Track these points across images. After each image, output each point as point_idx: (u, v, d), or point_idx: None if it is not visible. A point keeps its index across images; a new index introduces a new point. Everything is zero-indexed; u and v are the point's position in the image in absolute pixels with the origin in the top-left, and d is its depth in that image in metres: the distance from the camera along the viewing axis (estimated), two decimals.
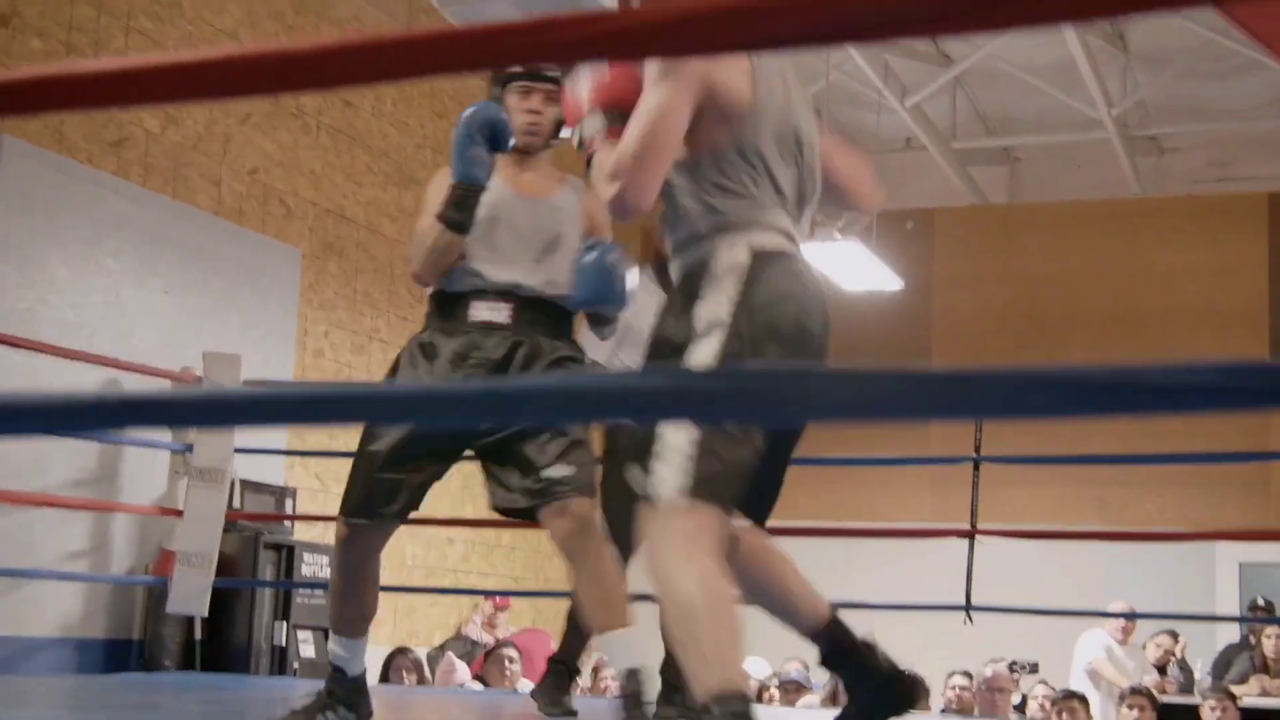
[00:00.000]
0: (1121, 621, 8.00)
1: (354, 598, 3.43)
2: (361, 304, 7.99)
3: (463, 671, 7.34)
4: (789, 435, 2.71)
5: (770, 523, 2.89)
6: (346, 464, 3.50)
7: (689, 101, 2.50)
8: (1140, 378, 1.01)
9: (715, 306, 2.51)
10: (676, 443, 2.45)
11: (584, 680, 7.28)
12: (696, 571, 2.38)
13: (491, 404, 1.14)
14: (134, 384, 6.25)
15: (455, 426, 3.28)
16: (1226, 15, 5.43)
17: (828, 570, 8.61)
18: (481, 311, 3.44)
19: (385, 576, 3.54)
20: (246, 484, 6.72)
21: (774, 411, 1.06)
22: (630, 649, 3.26)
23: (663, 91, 2.48)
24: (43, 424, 1.25)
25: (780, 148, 2.63)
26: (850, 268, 9.27)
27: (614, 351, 4.65)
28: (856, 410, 1.11)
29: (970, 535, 5.84)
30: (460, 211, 3.32)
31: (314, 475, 7.55)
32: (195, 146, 6.73)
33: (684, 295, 2.57)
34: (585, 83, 2.64)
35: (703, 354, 2.48)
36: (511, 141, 3.33)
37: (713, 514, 2.45)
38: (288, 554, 6.66)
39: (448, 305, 3.46)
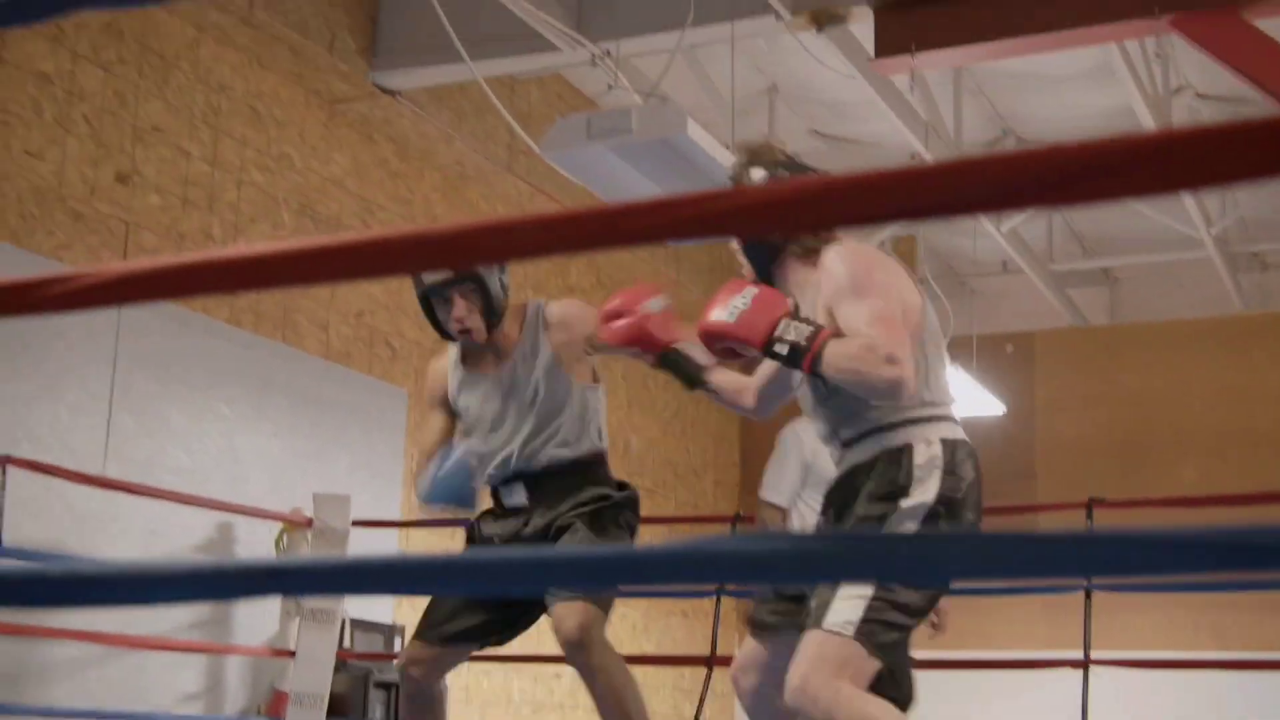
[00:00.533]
0: None
1: None
2: None
3: None
4: None
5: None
6: None
7: (897, 309, 2.80)
8: (1266, 539, 1.04)
9: (922, 493, 2.79)
10: (860, 589, 2.68)
11: None
12: (858, 700, 2.61)
13: (642, 567, 1.19)
14: (246, 527, 6.39)
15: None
16: None
17: (941, 703, 8.52)
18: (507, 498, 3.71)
19: (493, 713, 3.58)
20: (356, 623, 6.79)
21: (916, 573, 1.10)
22: None
23: (877, 299, 2.75)
24: (188, 593, 1.32)
25: (941, 343, 2.97)
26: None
27: (797, 494, 4.79)
28: (1007, 572, 1.15)
29: (1085, 665, 5.75)
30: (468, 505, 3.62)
31: (421, 613, 7.59)
32: (304, 292, 6.92)
33: (882, 477, 2.82)
34: (750, 302, 2.77)
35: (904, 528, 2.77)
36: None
37: (873, 664, 2.68)
38: (397, 692, 6.70)
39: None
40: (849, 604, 2.65)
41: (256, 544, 6.38)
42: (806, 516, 4.81)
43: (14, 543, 5.15)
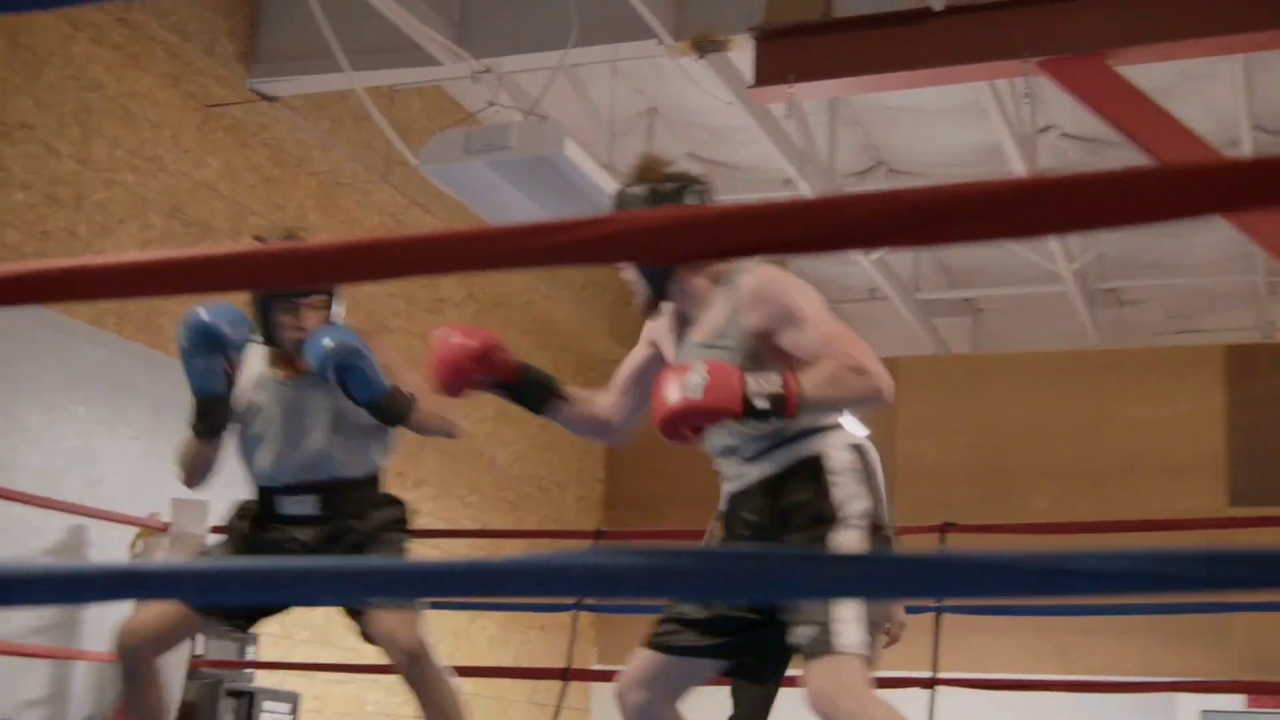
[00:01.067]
0: None
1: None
2: None
3: None
4: None
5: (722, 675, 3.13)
6: (308, 612, 3.67)
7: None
8: (1074, 564, 1.09)
9: (847, 496, 2.89)
10: (852, 603, 2.76)
11: None
12: (886, 712, 2.74)
13: (635, 578, 1.20)
14: (100, 531, 6.27)
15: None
16: (1235, 222, 5.60)
17: (789, 717, 8.55)
18: (287, 505, 3.64)
19: None
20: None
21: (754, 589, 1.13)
22: None
23: (819, 318, 2.83)
24: (47, 596, 1.31)
25: None
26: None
27: None
28: (825, 589, 1.18)
29: (932, 685, 5.86)
30: (203, 420, 3.51)
31: (277, 621, 7.51)
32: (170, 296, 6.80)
33: (805, 484, 2.89)
34: (708, 376, 2.72)
35: (849, 539, 2.87)
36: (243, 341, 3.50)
37: (871, 670, 2.82)
38: (249, 701, 6.61)
39: (262, 500, 3.71)
40: (851, 626, 2.75)
41: (110, 549, 6.25)
42: None
43: None
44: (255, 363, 3.70)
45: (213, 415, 3.49)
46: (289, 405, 3.63)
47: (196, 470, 3.68)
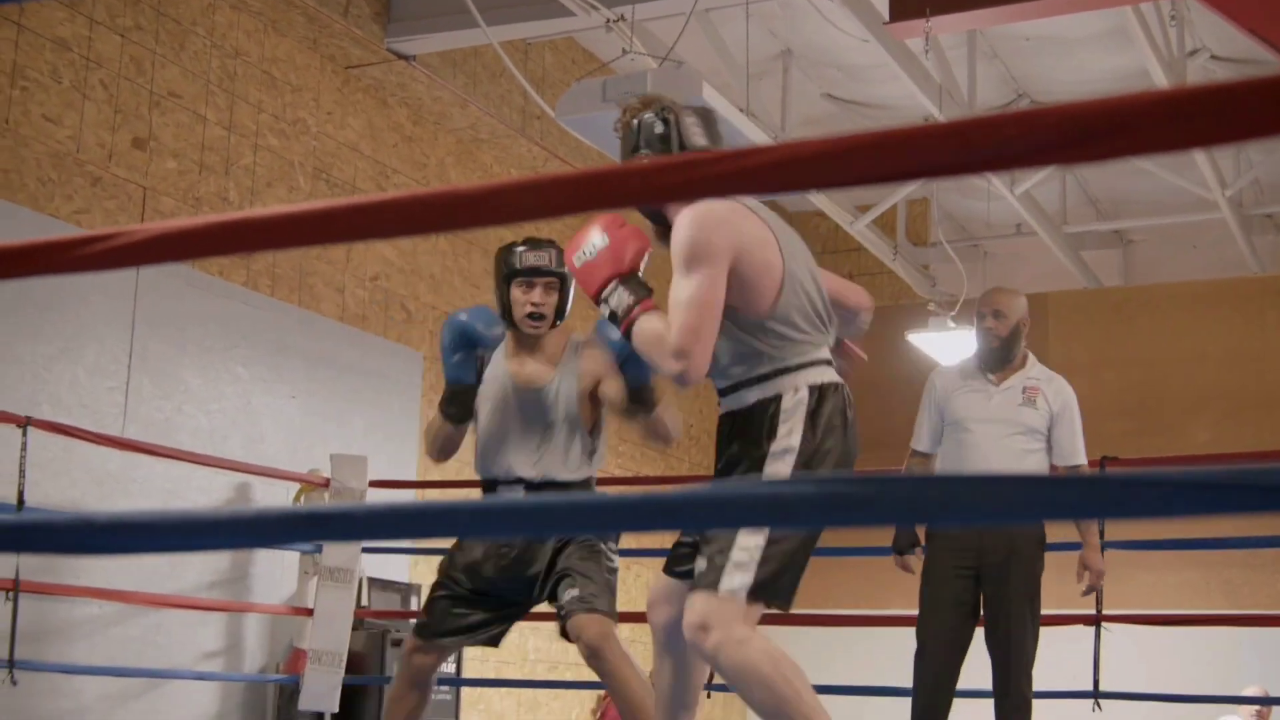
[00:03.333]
0: (1256, 706, 7.84)
1: (397, 705, 3.86)
2: None
3: None
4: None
5: (891, 609, 3.20)
6: None
7: (724, 282, 2.85)
8: (1262, 478, 1.08)
9: (786, 439, 2.90)
10: (749, 544, 2.81)
11: None
12: (767, 651, 2.78)
13: (624, 514, 1.24)
14: (263, 488, 6.46)
15: (517, 589, 3.82)
16: None
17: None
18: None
19: (510, 669, 3.67)
20: (374, 582, 6.86)
21: (914, 514, 1.14)
22: None
23: (702, 279, 2.82)
24: (214, 540, 1.37)
25: (811, 289, 3.00)
26: (965, 351, 9.27)
27: (938, 440, 4.97)
28: (979, 514, 1.19)
29: (1096, 622, 5.81)
30: (454, 406, 3.78)
31: (423, 608, 7.67)
32: (319, 255, 6.97)
33: (756, 425, 2.94)
34: (595, 254, 2.86)
35: (777, 472, 2.88)
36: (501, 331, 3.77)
37: (758, 611, 2.84)
38: None
39: (485, 491, 3.94)
40: (742, 569, 2.80)
41: (274, 505, 6.45)
42: (949, 458, 4.89)
43: (35, 503, 5.22)
44: (498, 358, 3.92)
45: (462, 402, 3.78)
46: (522, 404, 3.84)
47: (443, 450, 3.94)
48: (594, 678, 3.79)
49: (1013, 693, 4.75)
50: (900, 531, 4.97)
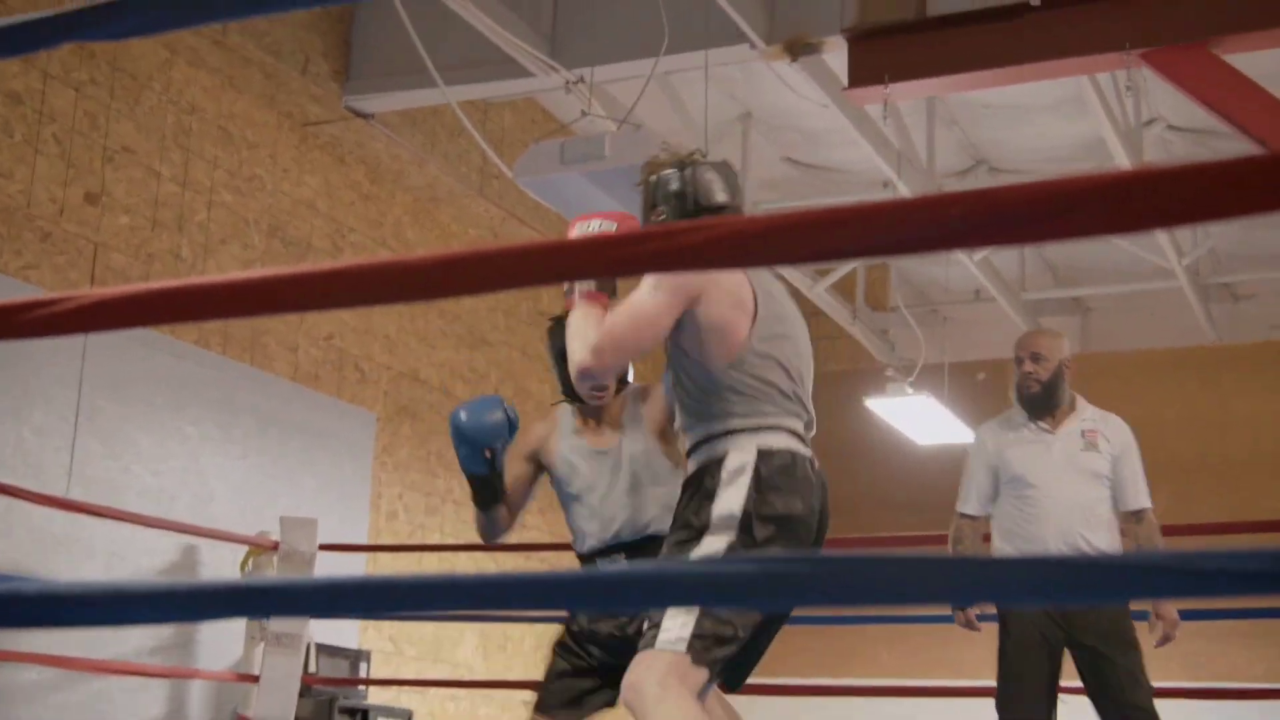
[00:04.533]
0: None
1: None
2: (435, 465, 8.12)
3: None
4: (780, 614, 2.94)
5: (839, 677, 3.13)
6: (419, 626, 3.77)
7: (674, 313, 2.80)
8: (1190, 563, 1.08)
9: (728, 503, 2.77)
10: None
11: None
12: (684, 708, 2.62)
13: (558, 592, 1.23)
14: (211, 550, 6.40)
15: (613, 657, 3.58)
16: None
17: None
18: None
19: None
20: (322, 648, 6.80)
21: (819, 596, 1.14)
22: None
23: (655, 299, 2.78)
24: (157, 614, 1.36)
25: (786, 349, 2.92)
26: (922, 422, 9.31)
27: (989, 500, 4.81)
28: (925, 595, 1.19)
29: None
30: (476, 494, 3.80)
31: (388, 638, 7.62)
32: (272, 315, 6.92)
33: (699, 488, 2.84)
34: (592, 231, 2.87)
35: (713, 546, 2.76)
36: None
37: (701, 674, 2.70)
38: (362, 718, 6.70)
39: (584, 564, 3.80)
40: (677, 623, 2.71)
41: (221, 567, 6.39)
42: (1010, 518, 4.62)
43: None
44: (566, 426, 3.90)
45: (482, 490, 3.80)
46: (598, 472, 3.79)
47: (489, 533, 3.90)
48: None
49: None
50: None
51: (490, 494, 3.79)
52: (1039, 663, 4.51)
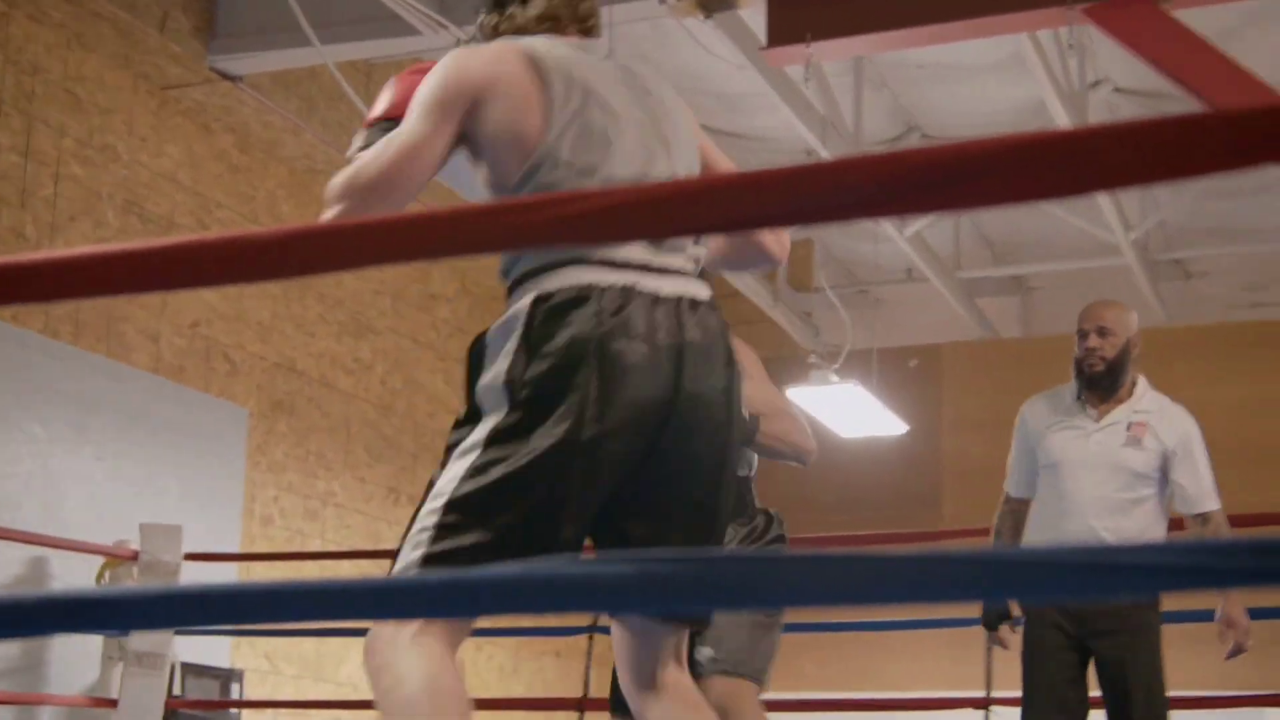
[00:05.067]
0: None
1: None
2: (315, 465, 8.05)
3: None
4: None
5: (775, 693, 3.01)
6: (297, 643, 3.65)
7: (447, 139, 2.46)
8: (1121, 558, 1.09)
9: (491, 375, 2.35)
10: (428, 510, 2.31)
11: None
12: (426, 663, 2.22)
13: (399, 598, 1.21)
14: (63, 562, 6.30)
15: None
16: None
17: None
18: None
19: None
20: (188, 667, 6.72)
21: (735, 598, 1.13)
22: None
23: (420, 126, 2.44)
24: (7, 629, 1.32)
25: (606, 156, 2.48)
26: (849, 412, 9.35)
27: (1033, 483, 4.73)
28: (813, 596, 1.18)
29: (985, 705, 5.89)
30: None
31: (263, 655, 7.55)
32: (130, 300, 6.84)
33: (473, 364, 2.45)
34: (388, 94, 2.63)
35: (475, 438, 2.33)
36: None
37: (450, 630, 2.30)
38: None
39: None
40: (406, 550, 2.30)
41: (74, 581, 6.29)
42: (1043, 507, 4.56)
43: None
44: None
45: None
46: None
47: None
48: None
49: None
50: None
51: None
52: (1059, 669, 4.47)
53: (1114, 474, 4.43)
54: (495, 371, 2.32)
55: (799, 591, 1.14)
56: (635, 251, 2.38)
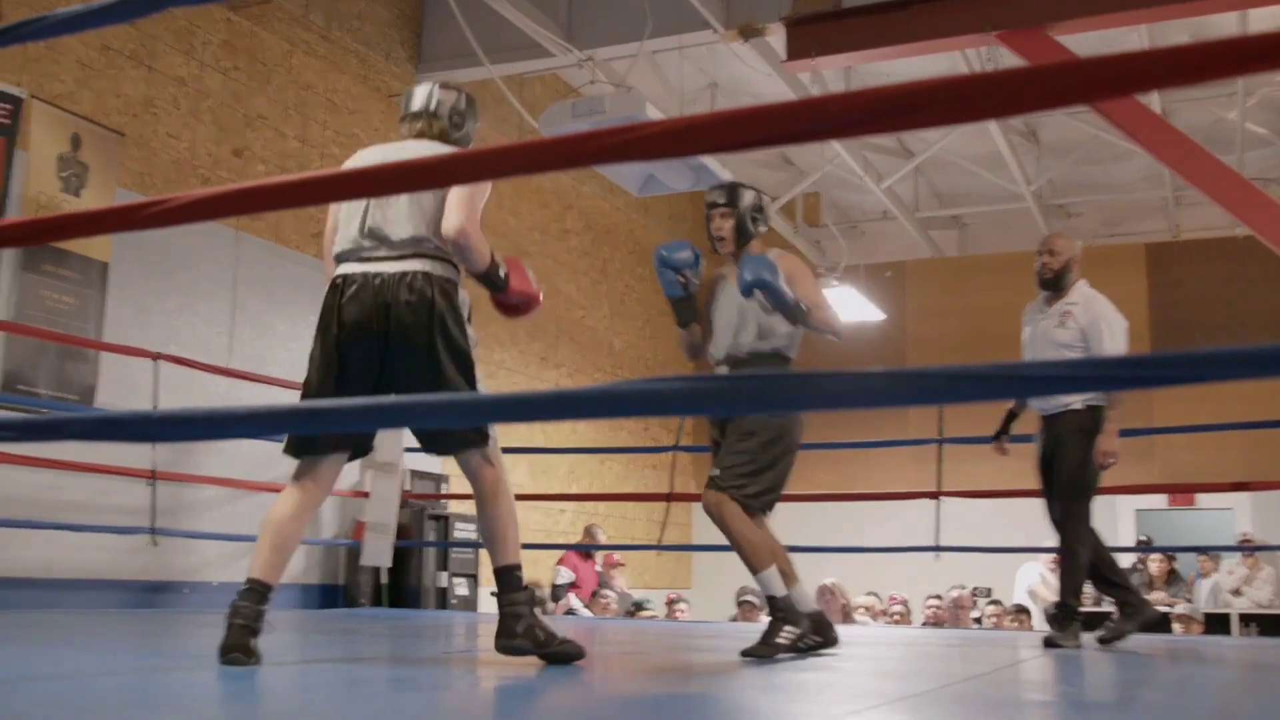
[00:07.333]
0: (1052, 556, 7.89)
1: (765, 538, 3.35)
2: (492, 343, 8.06)
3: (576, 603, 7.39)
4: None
5: (796, 490, 2.99)
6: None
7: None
8: (1019, 370, 1.05)
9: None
10: None
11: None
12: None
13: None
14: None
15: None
16: (1097, 110, 5.43)
17: (840, 525, 8.50)
18: None
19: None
20: (415, 472, 6.83)
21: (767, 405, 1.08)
22: (768, 585, 3.21)
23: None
24: (237, 430, 1.33)
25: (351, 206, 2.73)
26: (846, 304, 9.26)
27: None
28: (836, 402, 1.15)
29: (936, 497, 5.85)
30: (679, 314, 3.45)
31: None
32: None
33: None
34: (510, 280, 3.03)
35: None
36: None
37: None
38: (445, 523, 6.76)
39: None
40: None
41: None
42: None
43: None
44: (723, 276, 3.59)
45: (679, 311, 3.45)
46: (729, 299, 3.50)
47: (688, 350, 3.59)
48: None
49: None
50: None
51: (687, 313, 3.45)
52: (1046, 472, 4.38)
53: (1049, 346, 4.27)
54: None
55: (807, 399, 1.11)
56: (346, 245, 2.69)
